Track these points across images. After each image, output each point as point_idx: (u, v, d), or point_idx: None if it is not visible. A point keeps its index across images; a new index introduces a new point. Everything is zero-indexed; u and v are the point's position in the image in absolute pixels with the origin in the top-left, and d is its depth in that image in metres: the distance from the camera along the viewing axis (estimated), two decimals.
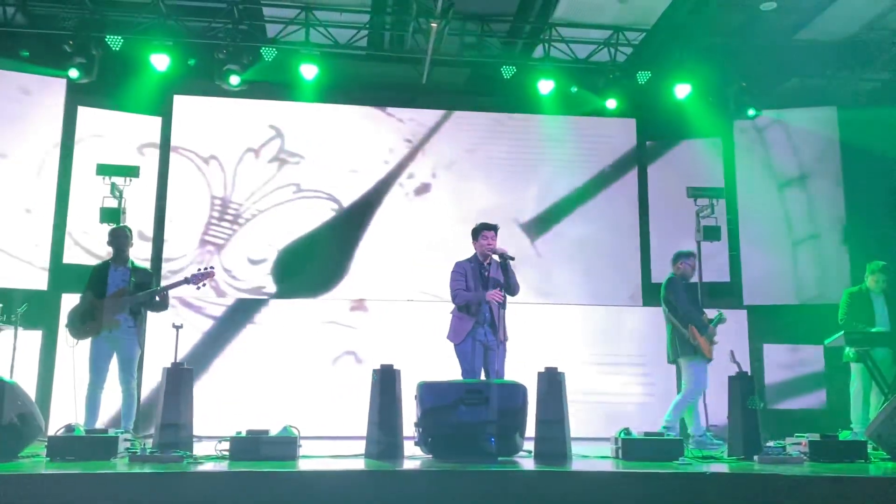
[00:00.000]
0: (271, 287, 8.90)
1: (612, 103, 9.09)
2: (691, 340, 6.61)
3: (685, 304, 6.68)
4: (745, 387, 5.64)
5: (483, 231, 6.15)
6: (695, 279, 8.75)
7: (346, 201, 9.19)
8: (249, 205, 9.07)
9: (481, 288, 6.02)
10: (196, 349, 8.40)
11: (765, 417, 6.43)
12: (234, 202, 9.03)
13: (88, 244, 8.45)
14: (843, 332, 6.85)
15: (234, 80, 8.51)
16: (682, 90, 9.03)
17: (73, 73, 8.23)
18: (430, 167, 9.38)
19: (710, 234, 8.48)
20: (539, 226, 9.39)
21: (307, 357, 8.59)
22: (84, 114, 8.70)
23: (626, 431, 5.36)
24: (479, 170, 9.43)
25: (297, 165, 9.18)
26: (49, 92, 8.57)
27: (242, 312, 8.72)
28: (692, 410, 6.74)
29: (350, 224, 9.16)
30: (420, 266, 8.92)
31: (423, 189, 9.34)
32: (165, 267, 8.65)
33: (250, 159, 9.15)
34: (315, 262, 9.02)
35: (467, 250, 6.29)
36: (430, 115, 9.50)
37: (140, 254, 8.47)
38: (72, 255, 8.45)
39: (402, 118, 9.44)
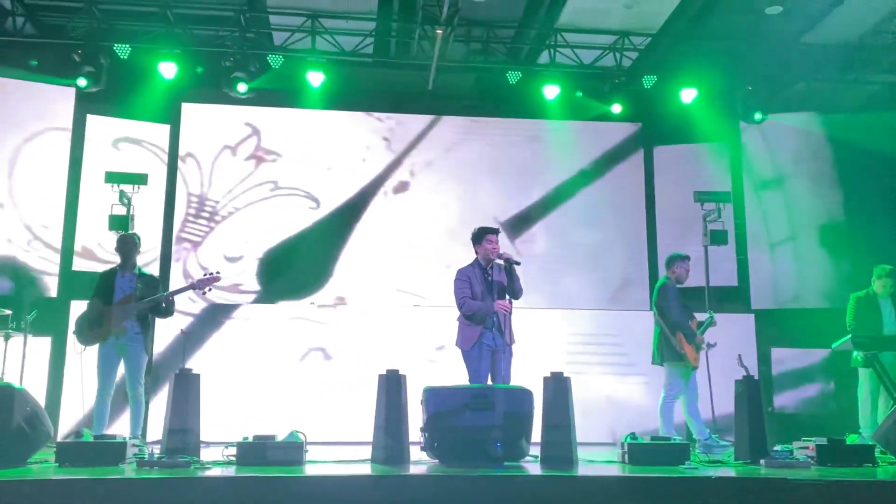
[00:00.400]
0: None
1: (617, 108, 9.09)
2: (678, 348, 6.61)
3: (676, 312, 6.68)
4: (751, 390, 5.62)
5: (487, 235, 6.14)
6: (702, 284, 8.78)
7: (349, 203, 9.24)
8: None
9: (487, 293, 6.02)
10: (202, 354, 8.44)
11: (772, 421, 6.43)
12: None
13: (97, 251, 8.51)
14: (850, 335, 6.82)
15: (242, 87, 8.57)
16: (688, 94, 9.04)
17: (82, 81, 8.29)
18: (441, 171, 9.40)
19: (717, 238, 8.47)
20: (546, 230, 9.39)
21: (314, 361, 8.61)
22: (93, 122, 8.78)
23: (633, 436, 5.36)
24: (484, 175, 9.44)
25: (296, 169, 9.23)
26: (58, 101, 8.65)
27: (248, 317, 8.74)
28: (693, 417, 6.74)
29: (354, 228, 9.20)
30: (424, 270, 8.94)
31: (430, 192, 9.36)
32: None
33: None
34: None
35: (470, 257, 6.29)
36: (440, 121, 9.53)
37: (147, 259, 8.57)
38: (81, 263, 8.50)
39: (413, 124, 9.49)
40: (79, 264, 8.49)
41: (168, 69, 8.45)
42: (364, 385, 5.89)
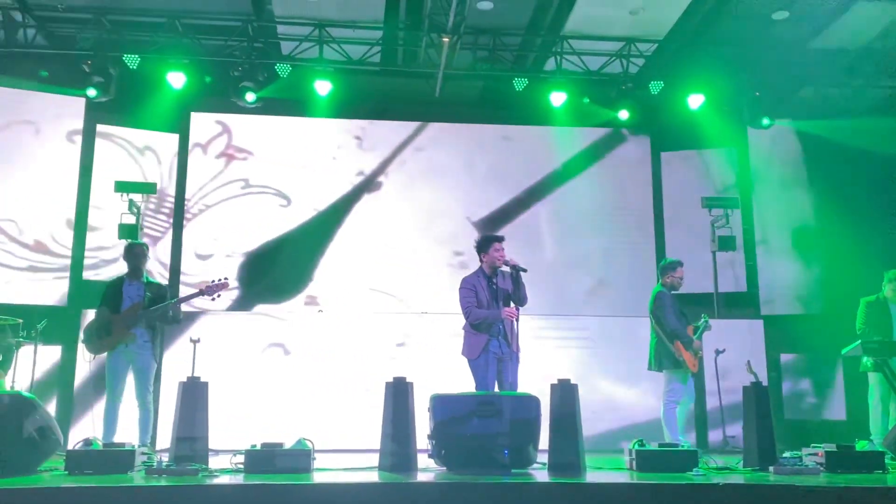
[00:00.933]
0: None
1: (624, 114, 9.10)
2: (676, 355, 6.59)
3: (673, 320, 6.62)
4: (760, 397, 5.60)
5: (493, 243, 6.13)
6: (710, 290, 8.76)
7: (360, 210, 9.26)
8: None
9: (493, 301, 6.02)
10: (210, 362, 8.45)
11: (782, 428, 6.40)
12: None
13: (107, 260, 8.57)
14: (860, 341, 6.79)
15: (250, 96, 8.63)
16: (695, 100, 9.04)
17: (91, 92, 8.36)
18: (444, 180, 9.43)
19: (726, 244, 8.46)
20: (554, 236, 9.39)
21: (320, 370, 8.62)
22: (103, 132, 8.85)
23: (641, 443, 5.34)
24: (491, 181, 9.46)
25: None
26: (68, 111, 8.73)
27: (255, 325, 8.77)
28: (669, 420, 6.73)
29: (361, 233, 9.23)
30: (430, 280, 8.96)
31: (440, 202, 9.39)
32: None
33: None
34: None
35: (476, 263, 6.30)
36: (445, 129, 9.57)
37: (158, 268, 8.62)
38: (90, 272, 8.56)
39: (425, 133, 9.54)
40: (88, 273, 8.54)
41: (176, 79, 8.51)
42: (371, 392, 5.90)
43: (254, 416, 8.04)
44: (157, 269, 8.67)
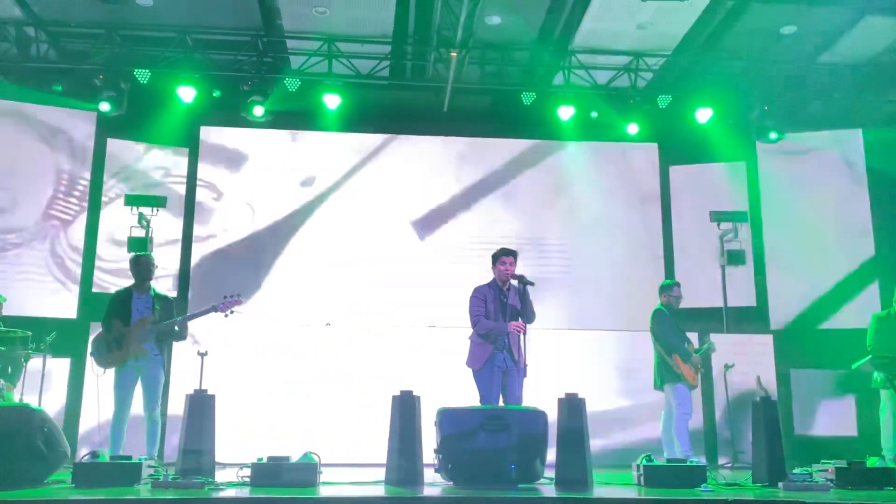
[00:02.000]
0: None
1: (633, 128, 9.10)
2: (675, 369, 6.67)
3: (669, 334, 6.80)
4: (769, 412, 5.56)
5: (502, 256, 6.16)
6: (720, 304, 8.73)
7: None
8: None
9: (501, 314, 6.02)
10: (216, 374, 8.45)
11: (793, 444, 6.35)
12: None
13: (116, 273, 8.61)
14: (870, 356, 6.73)
15: (259, 110, 8.68)
16: (703, 114, 9.04)
17: (105, 106, 8.43)
18: (457, 193, 9.45)
19: (735, 258, 8.44)
20: (562, 251, 9.37)
21: (327, 383, 8.60)
22: (113, 146, 8.93)
23: (648, 458, 5.31)
24: (499, 196, 9.47)
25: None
26: (79, 124, 8.81)
27: (262, 338, 8.77)
28: (672, 433, 6.70)
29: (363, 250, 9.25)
30: (438, 294, 8.95)
31: (446, 217, 9.40)
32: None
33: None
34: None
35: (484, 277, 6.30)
36: (455, 143, 9.60)
37: (166, 283, 8.66)
38: (100, 284, 8.60)
39: (430, 146, 9.59)
40: (98, 285, 8.59)
41: (187, 93, 8.57)
42: (378, 406, 5.89)
43: (260, 429, 8.02)
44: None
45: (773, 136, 9.11)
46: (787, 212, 9.39)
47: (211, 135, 9.31)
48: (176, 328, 6.37)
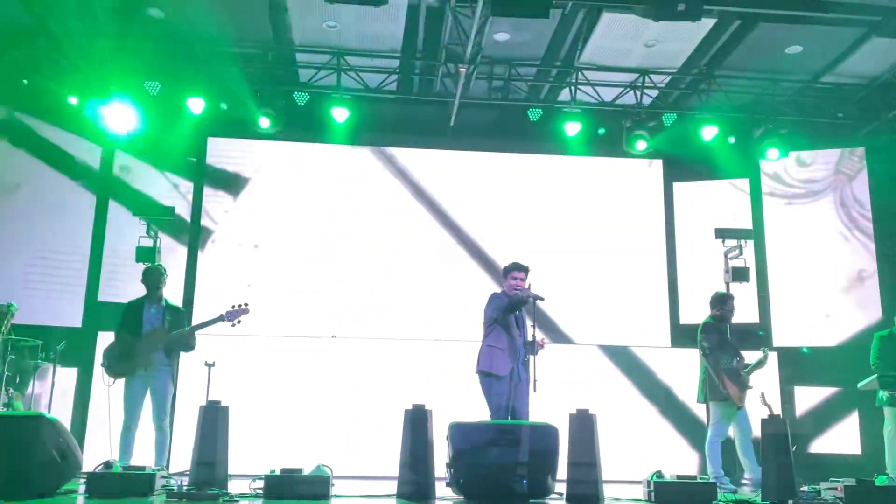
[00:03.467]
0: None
1: (642, 145, 9.13)
2: (721, 388, 6.59)
3: (717, 351, 6.67)
4: (777, 430, 5.59)
5: (513, 271, 6.21)
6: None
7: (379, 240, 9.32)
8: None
9: (514, 324, 6.09)
10: (224, 385, 8.46)
11: (798, 462, 6.37)
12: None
13: (123, 283, 8.62)
14: (876, 375, 6.78)
15: (267, 122, 8.71)
16: (708, 132, 9.10)
17: None
18: (458, 208, 9.50)
19: (739, 275, 8.47)
20: (567, 266, 9.41)
21: (339, 395, 8.60)
22: (122, 156, 8.96)
23: (659, 474, 5.34)
24: (505, 210, 9.52)
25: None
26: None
27: (271, 349, 8.78)
28: (746, 455, 6.69)
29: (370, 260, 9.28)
30: (449, 307, 8.98)
31: (453, 231, 9.44)
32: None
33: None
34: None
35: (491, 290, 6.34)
36: (461, 157, 9.66)
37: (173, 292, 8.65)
38: (107, 294, 8.61)
39: (436, 161, 9.64)
40: (105, 295, 8.59)
41: (196, 105, 8.61)
42: (391, 419, 5.91)
43: (272, 441, 8.02)
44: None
45: (774, 154, 9.17)
46: (791, 229, 9.46)
47: (219, 146, 9.34)
48: (185, 339, 6.39)
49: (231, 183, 9.31)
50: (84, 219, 8.77)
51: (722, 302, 6.95)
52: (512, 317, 6.10)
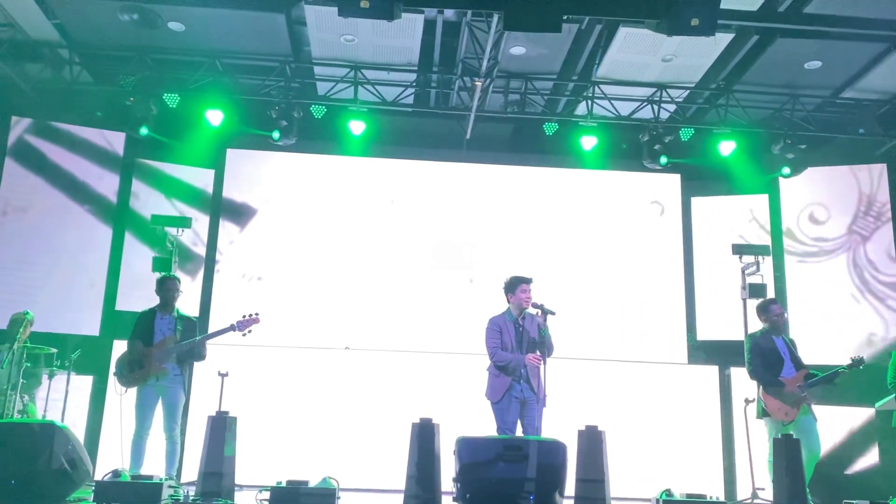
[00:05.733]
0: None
1: (660, 160, 9.05)
2: (763, 403, 6.45)
3: (757, 365, 6.54)
4: (790, 449, 5.52)
5: (520, 284, 6.14)
6: (741, 338, 8.60)
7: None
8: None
9: (517, 345, 6.03)
10: (235, 395, 8.49)
11: (815, 482, 6.27)
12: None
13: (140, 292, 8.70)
14: (894, 395, 6.66)
15: (285, 135, 8.76)
16: (726, 147, 9.04)
17: (143, 130, 8.54)
18: (473, 221, 9.50)
19: (756, 292, 8.37)
20: (582, 280, 9.37)
21: (347, 407, 8.60)
22: (141, 166, 9.07)
23: (668, 493, 5.28)
24: (519, 223, 9.50)
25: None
26: (109, 145, 8.97)
27: (281, 360, 8.80)
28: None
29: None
30: (458, 320, 8.96)
31: (467, 244, 9.44)
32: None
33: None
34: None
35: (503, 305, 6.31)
36: (477, 171, 9.67)
37: (189, 303, 8.72)
38: (124, 303, 8.70)
39: (451, 174, 9.66)
40: (121, 304, 8.68)
41: (214, 116, 8.70)
42: (398, 431, 5.89)
43: (279, 452, 8.03)
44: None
45: (786, 171, 9.07)
46: (809, 245, 9.35)
47: (237, 158, 9.44)
48: (196, 349, 6.44)
49: (247, 194, 9.39)
50: (103, 228, 8.87)
51: (764, 310, 6.78)
52: (514, 336, 6.05)
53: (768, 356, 6.60)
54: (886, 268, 9.09)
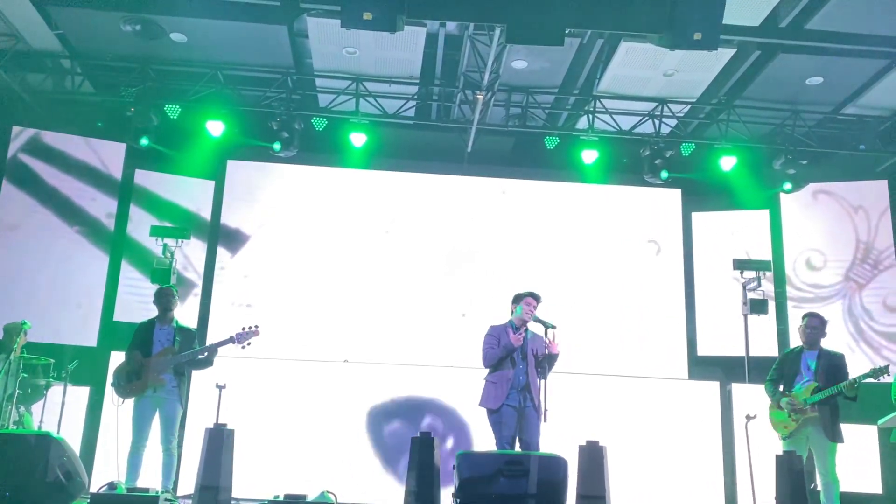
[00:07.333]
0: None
1: (661, 174, 9.03)
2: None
3: (770, 379, 6.52)
4: (793, 465, 5.47)
5: (527, 298, 6.17)
6: (741, 353, 8.56)
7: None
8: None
9: (517, 357, 6.01)
10: (232, 408, 8.42)
11: (814, 499, 6.21)
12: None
13: (139, 303, 8.67)
14: None
15: (286, 147, 8.75)
16: (727, 162, 9.04)
17: (144, 140, 8.52)
18: (474, 234, 9.48)
19: (757, 307, 8.36)
20: (583, 294, 9.33)
21: (345, 420, 8.53)
22: (141, 177, 9.06)
23: None
24: (519, 237, 9.48)
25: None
26: (109, 155, 8.96)
27: (279, 373, 8.73)
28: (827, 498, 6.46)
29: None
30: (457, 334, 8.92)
31: (468, 257, 9.41)
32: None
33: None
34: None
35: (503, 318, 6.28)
36: (478, 184, 9.66)
37: (187, 313, 8.68)
38: (121, 314, 8.65)
39: (452, 187, 9.64)
40: (119, 315, 8.64)
41: (215, 127, 8.69)
42: (397, 445, 5.85)
43: (277, 465, 7.96)
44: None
45: (787, 186, 9.07)
46: (811, 261, 9.32)
47: (238, 169, 9.43)
48: (199, 357, 6.40)
49: (248, 206, 9.37)
50: (102, 240, 8.84)
51: (802, 322, 6.61)
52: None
53: (787, 370, 6.52)
54: (882, 317, 9.04)
